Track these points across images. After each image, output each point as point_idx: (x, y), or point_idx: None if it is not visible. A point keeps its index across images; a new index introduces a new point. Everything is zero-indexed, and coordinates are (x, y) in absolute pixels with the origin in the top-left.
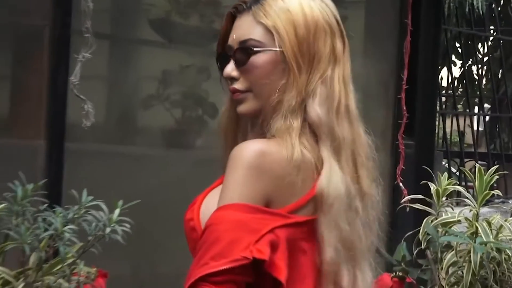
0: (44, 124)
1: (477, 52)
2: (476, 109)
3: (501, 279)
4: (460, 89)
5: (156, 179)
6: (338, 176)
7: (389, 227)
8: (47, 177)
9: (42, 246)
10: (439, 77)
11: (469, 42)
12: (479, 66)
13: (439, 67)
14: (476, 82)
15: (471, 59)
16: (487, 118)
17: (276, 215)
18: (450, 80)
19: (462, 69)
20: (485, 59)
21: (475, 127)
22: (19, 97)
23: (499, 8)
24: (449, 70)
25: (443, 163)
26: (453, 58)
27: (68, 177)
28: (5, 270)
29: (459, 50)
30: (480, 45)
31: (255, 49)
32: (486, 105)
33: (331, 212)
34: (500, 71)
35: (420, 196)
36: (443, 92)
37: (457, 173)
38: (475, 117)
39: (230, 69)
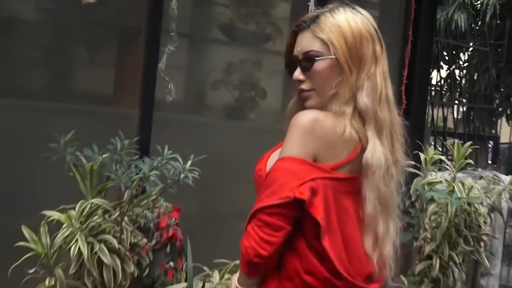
0: (139, 98)
1: (459, 59)
2: (456, 102)
3: (469, 226)
4: (445, 87)
5: (219, 141)
6: (380, 151)
7: None
8: (139, 136)
9: (133, 185)
10: (430, 76)
11: (454, 52)
12: (460, 69)
13: (431, 69)
14: (458, 82)
15: (454, 64)
16: (465, 108)
17: (319, 169)
18: (438, 79)
19: (448, 71)
20: (465, 64)
21: (455, 115)
22: (121, 78)
23: (477, 27)
24: (438, 72)
25: (431, 139)
26: (441, 63)
27: (154, 137)
28: (106, 202)
29: (446, 57)
30: (462, 54)
31: (316, 58)
32: (464, 100)
33: (373, 178)
34: (476, 74)
35: (413, 163)
36: (433, 87)
37: (441, 148)
38: (455, 107)
39: (298, 73)
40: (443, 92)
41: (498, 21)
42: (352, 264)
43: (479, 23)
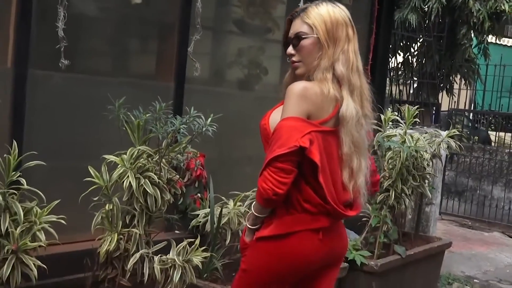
0: (174, 73)
1: (412, 48)
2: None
3: (416, 167)
4: (401, 69)
5: (232, 105)
6: (352, 106)
7: None
8: (173, 101)
9: (168, 136)
10: (390, 60)
11: (407, 43)
12: (412, 56)
13: (389, 54)
14: (411, 65)
15: (408, 52)
16: (415, 84)
17: (311, 124)
18: (396, 63)
19: (403, 57)
20: (416, 52)
21: (409, 89)
22: (161, 59)
23: (425, 23)
24: (395, 58)
25: (389, 106)
26: (399, 51)
27: (185, 102)
28: (149, 149)
29: (402, 46)
30: (414, 44)
31: (303, 37)
32: (415, 78)
33: (347, 126)
34: (424, 59)
35: (376, 122)
36: (393, 69)
37: (397, 112)
38: (409, 83)
39: (290, 49)
40: (400, 73)
41: (440, 20)
42: (337, 193)
43: (426, 21)
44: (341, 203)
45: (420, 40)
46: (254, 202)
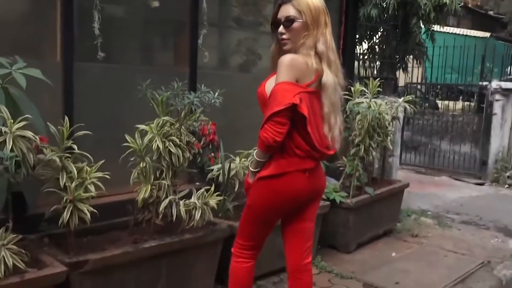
0: (188, 61)
1: (375, 36)
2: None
3: (380, 126)
4: (368, 52)
5: (234, 84)
6: (330, 76)
7: None
8: (188, 81)
9: (186, 108)
10: (357, 45)
11: (371, 32)
12: (375, 43)
13: (356, 41)
14: (375, 50)
15: (372, 39)
16: (378, 64)
17: (300, 87)
18: (362, 50)
19: (368, 45)
20: (378, 40)
21: (373, 69)
22: (177, 51)
23: (384, 16)
24: (361, 45)
25: (358, 81)
26: (364, 40)
27: (198, 82)
28: (171, 118)
29: (367, 35)
30: (377, 33)
31: (294, 20)
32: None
33: (327, 92)
34: (384, 45)
35: (347, 92)
36: (360, 55)
37: (363, 85)
38: (373, 64)
39: (281, 29)
40: (366, 56)
41: (396, 13)
42: (320, 139)
43: (385, 14)
44: (323, 147)
45: (381, 30)
46: (256, 150)
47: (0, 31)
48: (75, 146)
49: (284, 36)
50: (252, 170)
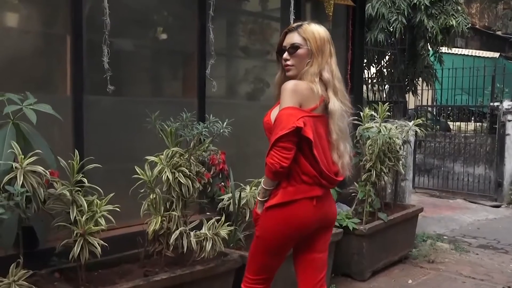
0: (196, 91)
1: (383, 60)
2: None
3: (391, 151)
4: (377, 76)
5: (243, 112)
6: (337, 103)
7: None
8: (196, 111)
9: (194, 138)
10: (365, 69)
11: (379, 56)
12: (383, 67)
13: (364, 65)
14: (383, 73)
15: (380, 64)
16: (387, 88)
17: (304, 111)
18: (370, 74)
19: (376, 68)
20: (386, 63)
21: (382, 93)
22: (186, 81)
23: (391, 41)
24: (369, 69)
25: (367, 105)
26: (372, 64)
27: (206, 112)
28: (180, 149)
29: (375, 59)
30: (384, 57)
31: (299, 47)
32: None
33: (335, 118)
34: (392, 68)
35: (357, 118)
36: (369, 78)
37: (373, 110)
38: (382, 88)
39: (286, 55)
40: (375, 80)
41: (403, 36)
42: (328, 165)
43: (392, 38)
44: (332, 173)
45: (389, 54)
46: (264, 179)
47: (11, 68)
48: (85, 180)
49: (288, 62)
50: (260, 199)
